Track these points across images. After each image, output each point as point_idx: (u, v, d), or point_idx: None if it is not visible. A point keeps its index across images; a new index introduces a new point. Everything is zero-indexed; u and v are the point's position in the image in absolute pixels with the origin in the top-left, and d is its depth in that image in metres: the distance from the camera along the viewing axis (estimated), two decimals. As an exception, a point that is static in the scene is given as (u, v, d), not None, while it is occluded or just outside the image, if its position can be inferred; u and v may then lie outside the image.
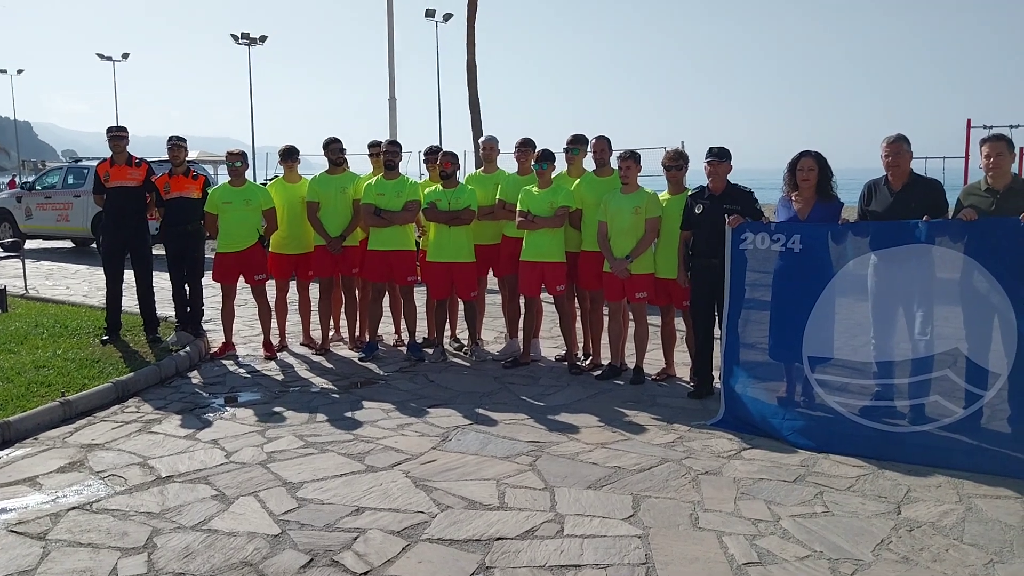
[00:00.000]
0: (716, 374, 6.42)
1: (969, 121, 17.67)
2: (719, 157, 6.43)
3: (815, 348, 5.74)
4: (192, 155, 30.68)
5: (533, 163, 7.35)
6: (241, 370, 7.59)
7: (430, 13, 41.55)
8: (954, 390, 5.33)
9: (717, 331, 6.34)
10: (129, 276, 8.22)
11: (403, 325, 8.22)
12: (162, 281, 8.42)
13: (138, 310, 8.34)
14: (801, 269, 5.76)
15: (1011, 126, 16.77)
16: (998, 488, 4.70)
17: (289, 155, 8.30)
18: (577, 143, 7.51)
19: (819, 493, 4.68)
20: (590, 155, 7.39)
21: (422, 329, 8.49)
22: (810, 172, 5.94)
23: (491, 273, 8.18)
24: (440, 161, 7.72)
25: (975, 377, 5.27)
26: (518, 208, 7.30)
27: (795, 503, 4.54)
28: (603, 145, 7.30)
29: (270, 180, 9.63)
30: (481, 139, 8.33)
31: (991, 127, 16.53)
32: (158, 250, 8.17)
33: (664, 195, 6.93)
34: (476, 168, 8.60)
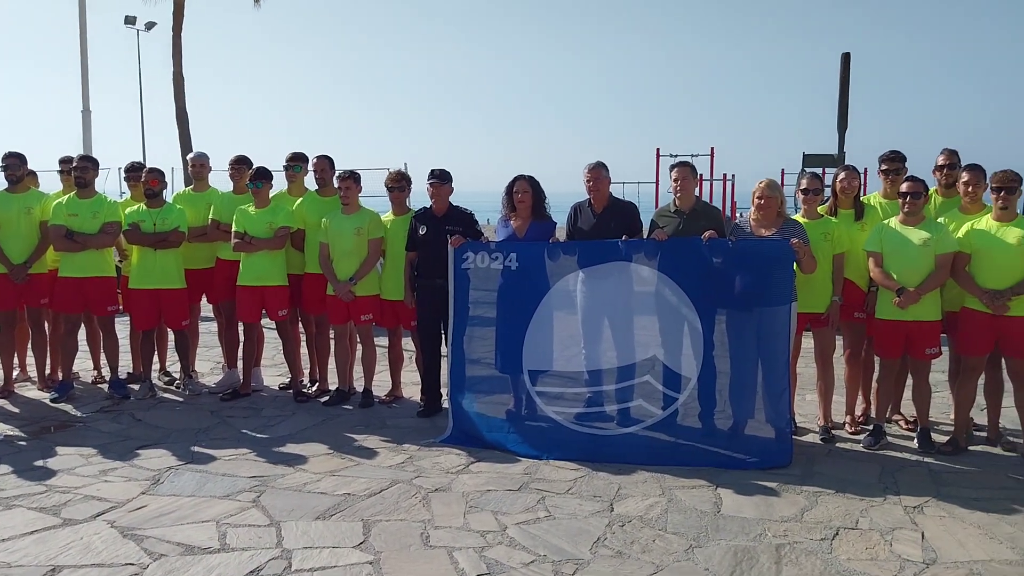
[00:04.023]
0: (444, 391, 6.53)
1: (658, 150, 19.71)
2: (441, 179, 6.57)
3: (534, 361, 6.05)
4: None
5: (248, 181, 7.03)
6: None
7: (130, 20, 38.34)
8: (654, 393, 5.86)
9: (445, 349, 6.45)
10: None
11: (103, 360, 7.46)
12: None
13: None
14: (519, 286, 6.05)
15: (692, 155, 18.95)
16: (694, 479, 5.21)
17: (-42, 172, 7.20)
18: (297, 160, 7.32)
19: (541, 499, 4.89)
20: (312, 174, 7.23)
21: (126, 363, 7.78)
22: (525, 194, 6.26)
23: (204, 299, 7.68)
24: (145, 179, 7.15)
25: (670, 381, 5.83)
26: (233, 229, 6.94)
27: (520, 510, 4.72)
28: (325, 164, 7.17)
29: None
30: (190, 155, 7.85)
31: (676, 155, 18.55)
32: None
33: (388, 216, 6.94)
34: (185, 186, 8.06)
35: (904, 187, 5.67)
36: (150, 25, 38.49)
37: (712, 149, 19.94)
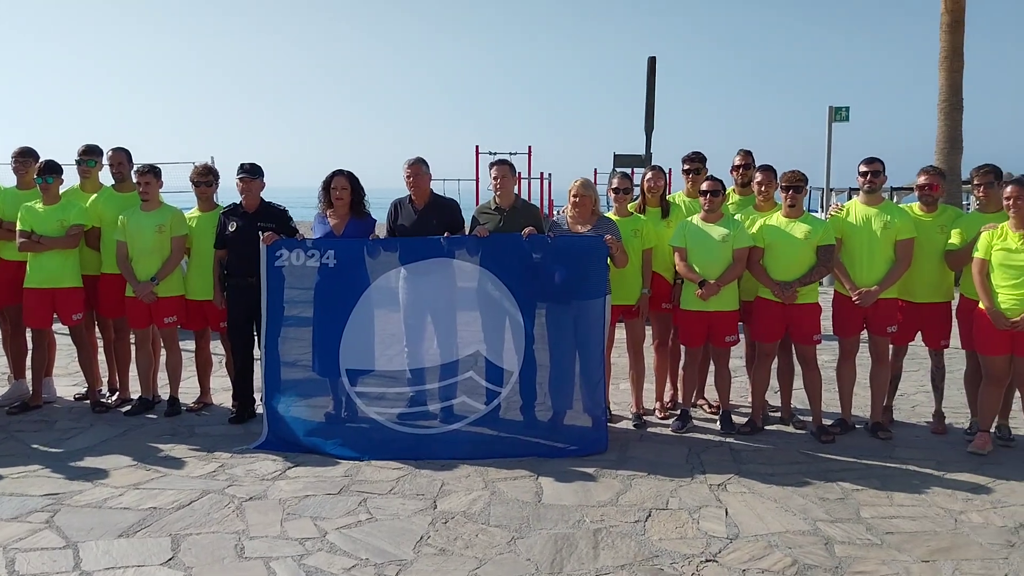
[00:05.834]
0: (258, 396, 6.26)
1: (478, 147, 19.95)
2: (251, 174, 6.31)
3: (353, 361, 5.93)
4: None
5: (36, 176, 6.44)
6: None
7: None
8: (477, 389, 5.91)
9: (257, 352, 6.18)
10: None
11: None
12: None
13: None
14: (337, 284, 5.90)
15: (511, 153, 19.30)
16: (515, 471, 5.29)
17: None
18: (91, 154, 6.82)
19: (363, 500, 4.80)
20: (107, 168, 6.73)
21: None
22: (343, 191, 6.12)
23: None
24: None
25: (493, 376, 5.90)
26: (19, 228, 6.33)
27: (340, 514, 4.60)
28: (121, 158, 6.71)
29: None
30: (-35, 147, 7.10)
31: (496, 153, 18.82)
32: None
33: (193, 212, 6.57)
34: (-39, 181, 7.26)
35: (704, 186, 6.03)
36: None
37: (530, 148, 20.43)
